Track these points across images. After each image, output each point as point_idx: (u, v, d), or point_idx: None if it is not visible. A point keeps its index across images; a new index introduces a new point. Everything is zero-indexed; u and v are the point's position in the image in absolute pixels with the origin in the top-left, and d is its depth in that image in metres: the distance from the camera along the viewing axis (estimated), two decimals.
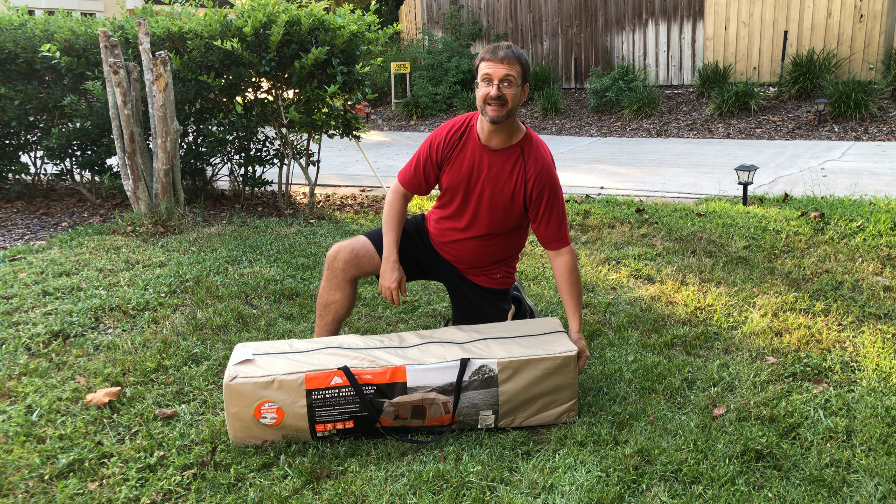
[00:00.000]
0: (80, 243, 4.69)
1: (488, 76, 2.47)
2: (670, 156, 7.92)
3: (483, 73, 2.48)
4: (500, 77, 2.45)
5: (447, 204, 2.75)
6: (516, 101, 2.51)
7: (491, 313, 2.83)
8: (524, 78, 2.52)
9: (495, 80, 2.46)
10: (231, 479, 2.21)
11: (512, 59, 2.47)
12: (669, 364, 2.84)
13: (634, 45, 11.27)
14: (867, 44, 9.52)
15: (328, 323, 2.83)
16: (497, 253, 2.79)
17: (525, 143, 2.61)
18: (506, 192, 2.62)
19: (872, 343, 2.96)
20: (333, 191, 6.68)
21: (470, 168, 2.64)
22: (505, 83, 2.46)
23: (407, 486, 2.15)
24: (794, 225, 4.58)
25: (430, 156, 2.70)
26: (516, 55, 2.49)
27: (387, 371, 2.36)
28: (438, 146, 2.67)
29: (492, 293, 2.85)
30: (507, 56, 2.47)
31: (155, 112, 4.65)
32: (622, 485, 2.10)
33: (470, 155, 2.63)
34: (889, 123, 8.50)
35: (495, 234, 2.73)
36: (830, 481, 2.08)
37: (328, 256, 2.78)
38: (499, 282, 2.85)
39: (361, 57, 5.43)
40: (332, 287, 2.77)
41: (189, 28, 5.20)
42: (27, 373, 2.93)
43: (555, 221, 2.63)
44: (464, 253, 2.79)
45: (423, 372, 2.37)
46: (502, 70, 2.46)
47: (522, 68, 2.50)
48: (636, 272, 3.93)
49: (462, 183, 2.67)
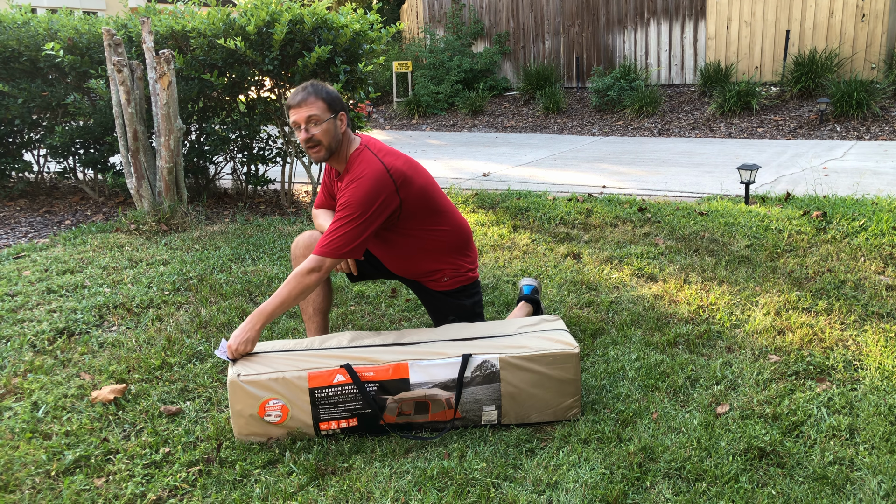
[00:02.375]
0: (84, 241, 4.70)
1: (296, 122, 2.55)
2: (672, 155, 7.93)
3: (291, 120, 2.56)
4: (304, 120, 2.52)
5: None
6: (330, 136, 2.54)
7: (450, 310, 2.83)
8: (332, 109, 2.54)
9: (301, 123, 2.53)
10: (236, 475, 2.22)
11: (309, 99, 2.51)
12: (673, 362, 2.85)
13: (636, 45, 11.27)
14: (869, 43, 9.52)
15: (311, 315, 2.84)
16: (420, 260, 2.76)
17: (351, 161, 2.59)
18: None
19: (875, 342, 2.96)
20: None
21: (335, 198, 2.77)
22: (312, 123, 2.52)
23: (411, 482, 2.16)
24: (796, 224, 4.59)
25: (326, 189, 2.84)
26: (314, 92, 2.53)
27: (389, 368, 2.37)
28: (326, 180, 2.84)
29: (448, 294, 2.82)
30: (303, 99, 2.52)
31: (158, 110, 4.66)
32: (626, 482, 2.11)
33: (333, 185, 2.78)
34: (891, 123, 8.50)
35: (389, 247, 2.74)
36: (834, 479, 2.09)
37: (291, 251, 2.85)
38: (448, 283, 2.81)
39: (364, 56, 5.44)
40: None
41: (192, 27, 5.20)
42: (32, 370, 2.94)
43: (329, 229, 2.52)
44: (396, 268, 2.83)
45: (425, 368, 2.37)
46: (304, 112, 2.51)
47: (325, 102, 2.53)
48: (639, 271, 3.94)
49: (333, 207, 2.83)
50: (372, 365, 2.37)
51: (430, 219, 2.69)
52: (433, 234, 2.72)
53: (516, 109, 11.53)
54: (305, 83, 2.58)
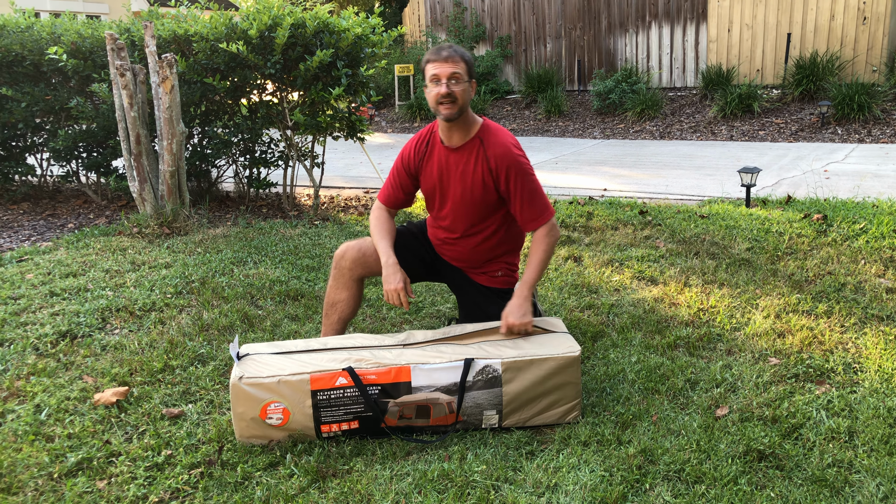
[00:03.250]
0: (87, 244, 4.72)
1: (436, 76, 2.56)
2: (673, 158, 7.94)
3: (430, 73, 2.57)
4: (447, 75, 2.55)
5: (431, 208, 2.87)
6: (466, 97, 2.59)
7: (494, 312, 2.84)
8: (470, 74, 2.61)
9: (443, 78, 2.55)
10: (238, 477, 2.24)
11: (455, 57, 2.56)
12: (672, 365, 2.85)
13: (637, 48, 11.29)
14: (870, 46, 9.53)
15: (334, 322, 2.85)
16: (491, 249, 2.82)
17: (482, 133, 2.68)
18: (476, 184, 2.69)
19: (875, 344, 2.97)
20: (337, 192, 6.70)
21: (440, 171, 2.74)
22: (452, 80, 2.55)
23: (412, 485, 2.17)
24: (796, 227, 4.60)
25: (403, 169, 2.82)
26: (459, 53, 2.58)
27: (391, 371, 2.38)
28: (409, 158, 2.80)
29: (494, 292, 2.87)
30: (450, 55, 2.56)
31: (161, 114, 4.68)
32: (625, 484, 2.12)
33: (437, 159, 2.74)
34: (892, 125, 8.51)
35: (480, 228, 2.77)
36: (832, 481, 2.10)
37: (336, 256, 2.81)
38: (500, 280, 2.88)
39: (366, 59, 5.46)
40: (338, 286, 2.80)
41: (195, 31, 5.23)
42: (35, 372, 2.96)
43: (527, 199, 2.66)
44: (459, 252, 2.85)
45: (427, 372, 2.39)
46: (448, 69, 2.55)
47: (467, 65, 2.60)
48: (639, 274, 3.95)
49: (436, 186, 2.77)
50: (374, 368, 2.38)
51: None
52: (515, 226, 2.85)
53: (518, 112, 11.55)
54: (447, 43, 2.61)
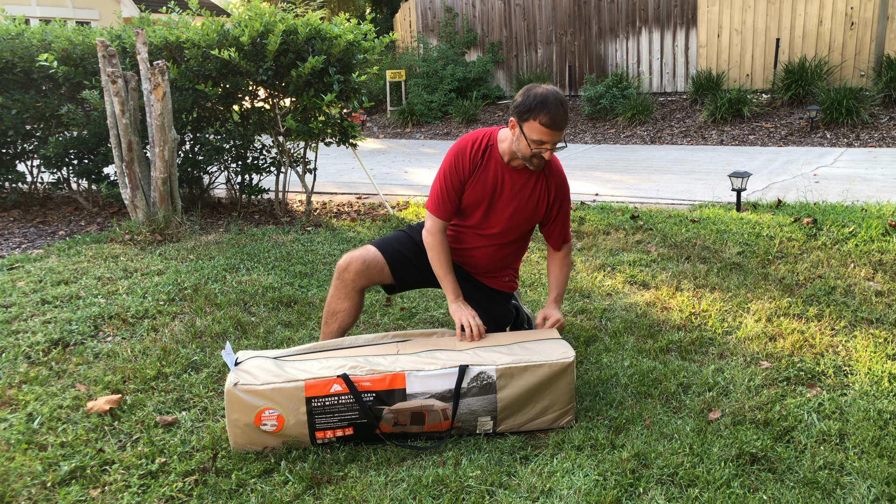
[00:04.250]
0: (79, 252, 4.70)
1: (544, 143, 2.49)
2: (664, 162, 7.98)
3: (538, 137, 2.47)
4: (551, 144, 2.52)
5: (467, 218, 2.80)
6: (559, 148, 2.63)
7: (498, 313, 2.88)
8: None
9: (549, 145, 2.51)
10: (232, 484, 2.24)
11: (561, 124, 2.46)
12: (665, 369, 2.87)
13: (628, 53, 11.35)
14: (858, 51, 9.61)
15: (333, 331, 2.86)
16: (509, 256, 2.90)
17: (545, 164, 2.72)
18: (530, 205, 2.74)
19: (865, 347, 2.99)
20: (330, 198, 6.71)
21: (494, 185, 2.70)
22: (556, 145, 2.55)
23: (407, 490, 2.17)
24: (787, 231, 4.63)
25: (458, 178, 2.70)
26: (564, 118, 2.47)
27: (386, 377, 2.38)
28: (464, 166, 2.68)
29: (501, 294, 2.94)
30: (563, 125, 2.48)
31: (153, 121, 4.68)
32: (619, 488, 2.13)
33: (493, 172, 2.68)
34: (880, 130, 8.58)
35: (515, 240, 2.86)
36: (824, 483, 2.11)
37: (339, 266, 2.80)
38: (507, 284, 2.96)
39: (358, 66, 5.47)
40: (340, 296, 2.80)
41: (187, 37, 5.23)
42: (27, 381, 2.94)
43: (564, 222, 2.84)
44: (480, 258, 2.87)
45: (422, 378, 2.39)
46: (557, 137, 2.51)
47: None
48: (631, 278, 3.97)
49: (486, 198, 2.73)
50: (369, 375, 2.38)
51: None
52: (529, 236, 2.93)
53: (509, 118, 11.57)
54: (562, 99, 2.49)
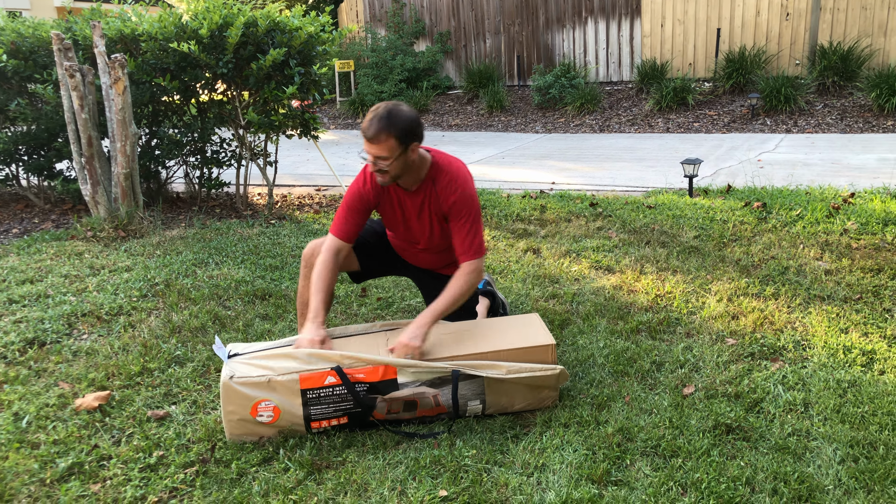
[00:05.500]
0: (39, 250, 4.62)
1: (366, 152, 2.53)
2: (615, 150, 8.20)
3: (364, 150, 2.54)
4: (373, 157, 2.52)
5: (394, 232, 2.90)
6: (399, 168, 2.55)
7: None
8: (402, 144, 2.50)
9: (370, 158, 2.53)
10: (233, 474, 2.28)
11: (380, 136, 2.45)
12: (637, 349, 3.02)
13: (575, 43, 11.56)
14: (793, 41, 10.01)
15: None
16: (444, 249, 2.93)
17: (434, 173, 2.67)
18: (434, 224, 2.77)
19: (819, 322, 3.20)
20: (289, 191, 6.70)
21: (399, 209, 2.78)
22: (379, 160, 2.52)
23: (406, 472, 2.26)
24: (738, 215, 4.86)
25: (362, 205, 2.74)
26: (385, 129, 2.44)
27: (378, 369, 2.45)
28: (368, 195, 2.73)
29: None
30: (375, 135, 2.46)
31: (114, 116, 4.61)
32: (608, 461, 2.26)
33: (394, 197, 2.76)
34: (816, 116, 8.97)
35: (446, 247, 2.88)
36: (794, 449, 2.28)
37: (304, 255, 2.86)
38: None
39: (318, 58, 5.48)
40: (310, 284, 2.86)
41: (143, 30, 5.15)
42: (7, 381, 2.92)
43: (463, 242, 2.65)
44: (427, 261, 2.97)
45: (413, 370, 2.46)
46: (373, 150, 2.50)
47: (397, 139, 2.47)
48: (596, 263, 4.12)
49: (398, 220, 2.81)
50: (362, 366, 2.45)
51: None
52: None
53: (460, 108, 11.68)
54: (382, 110, 2.47)
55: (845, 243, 4.21)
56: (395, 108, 2.49)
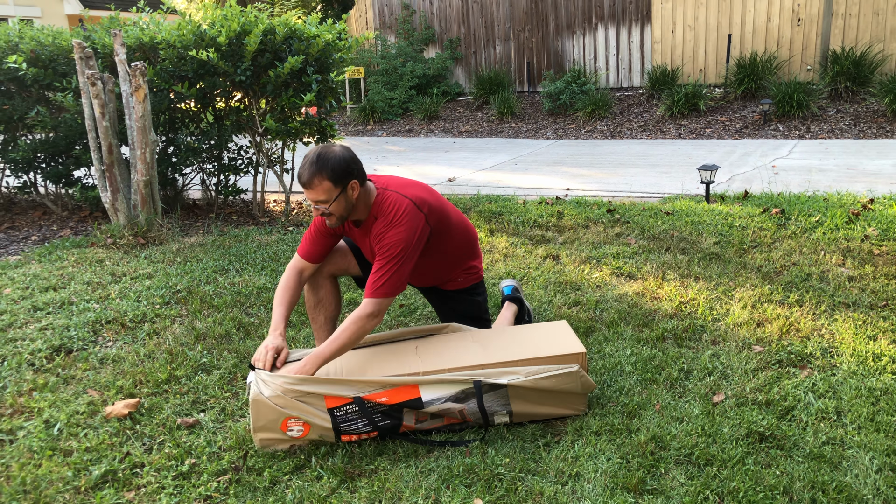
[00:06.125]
0: (60, 257, 4.63)
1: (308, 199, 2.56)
2: (628, 156, 8.19)
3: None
4: (313, 202, 2.53)
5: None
6: (342, 207, 2.55)
7: (466, 310, 3.01)
8: (340, 183, 2.49)
9: (312, 203, 2.55)
10: (266, 482, 2.29)
11: (314, 181, 2.46)
12: (665, 356, 3.01)
13: (585, 49, 11.57)
14: (805, 46, 10.01)
15: (322, 324, 2.92)
16: (441, 269, 2.92)
17: (376, 209, 2.63)
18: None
19: (846, 329, 3.19)
20: (304, 198, 6.71)
21: (357, 240, 2.80)
22: (320, 204, 2.52)
23: (439, 480, 2.25)
24: (757, 221, 4.85)
25: (324, 228, 2.75)
26: (318, 172, 2.44)
27: (401, 390, 2.43)
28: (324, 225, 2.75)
29: (461, 293, 3.01)
30: (309, 180, 2.46)
31: (134, 124, 4.64)
32: (642, 470, 2.25)
33: (349, 228, 2.79)
34: (829, 122, 8.96)
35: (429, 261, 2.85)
36: (830, 457, 2.27)
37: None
38: (460, 283, 3.01)
39: (335, 65, 5.50)
40: (313, 287, 2.87)
41: (161, 38, 5.18)
42: (36, 388, 2.93)
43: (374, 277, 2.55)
44: (420, 279, 2.96)
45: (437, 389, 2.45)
46: (312, 196, 2.51)
47: (331, 180, 2.46)
48: (617, 270, 4.11)
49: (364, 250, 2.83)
50: (383, 389, 2.43)
51: (446, 234, 2.81)
52: (448, 248, 2.85)
53: (470, 114, 11.70)
54: (312, 155, 2.49)
55: (867, 250, 4.19)
56: (325, 151, 2.49)
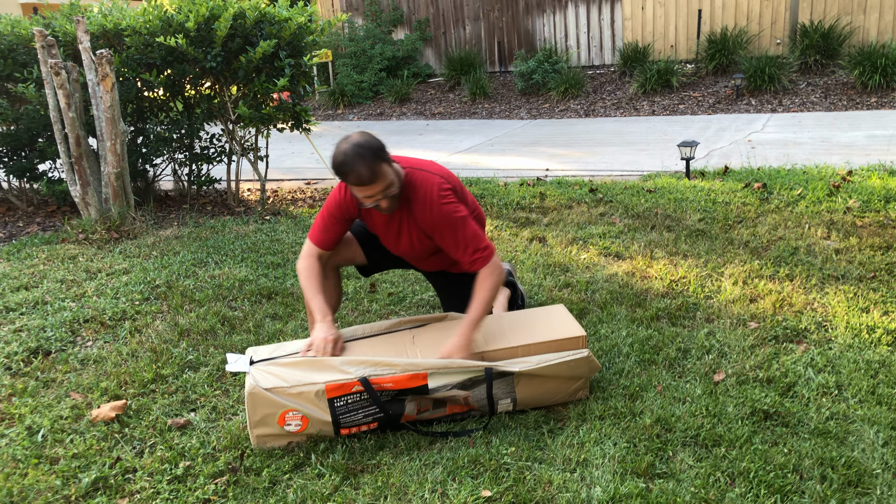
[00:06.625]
0: (30, 254, 4.47)
1: (369, 196, 2.45)
2: (603, 135, 8.16)
3: (360, 194, 2.44)
4: (380, 194, 2.44)
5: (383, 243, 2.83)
6: (397, 185, 2.50)
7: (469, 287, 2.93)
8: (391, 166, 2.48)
9: (376, 198, 2.46)
10: (265, 482, 2.21)
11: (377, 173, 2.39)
12: (661, 336, 2.98)
13: (556, 28, 11.50)
14: (774, 20, 10.04)
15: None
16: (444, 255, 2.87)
17: (408, 191, 2.60)
18: (415, 241, 2.71)
19: (838, 303, 3.19)
20: (278, 185, 6.57)
21: (383, 227, 2.72)
22: (387, 190, 2.46)
23: (445, 472, 2.20)
24: (740, 196, 4.84)
25: (342, 216, 2.67)
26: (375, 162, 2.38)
27: (408, 376, 2.36)
28: (350, 206, 2.66)
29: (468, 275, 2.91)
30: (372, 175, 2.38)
31: (102, 114, 4.47)
32: (650, 453, 2.22)
33: (374, 216, 2.70)
34: (800, 95, 9.01)
35: (437, 253, 2.82)
36: (835, 433, 2.26)
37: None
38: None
39: (307, 49, 5.37)
40: None
41: (126, 24, 5.00)
42: (16, 393, 2.81)
43: (463, 254, 2.58)
44: (429, 265, 2.91)
45: (443, 374, 2.39)
46: (377, 188, 2.42)
47: (388, 163, 2.45)
48: (605, 250, 4.08)
49: (384, 236, 2.76)
50: (390, 374, 2.36)
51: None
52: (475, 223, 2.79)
53: (442, 96, 11.58)
54: (356, 149, 2.37)
55: (850, 222, 4.21)
56: (360, 141, 2.40)
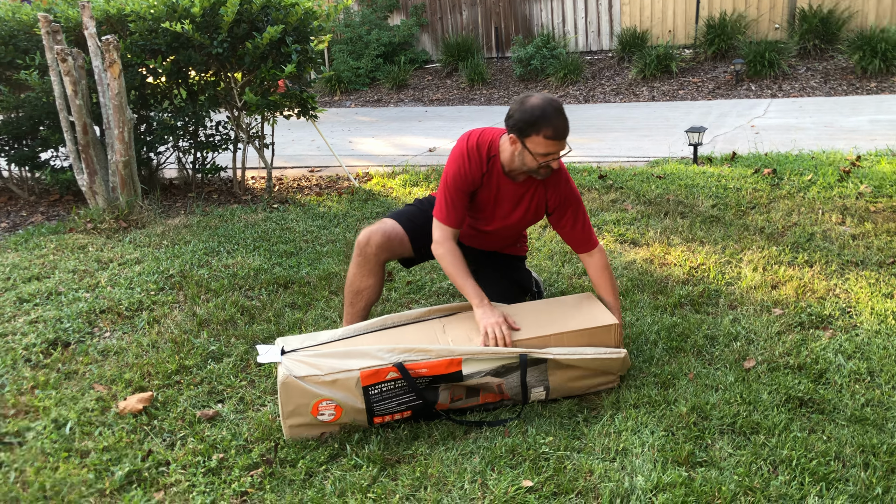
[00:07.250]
0: (39, 244, 4.41)
1: (550, 154, 2.45)
2: (605, 121, 8.14)
3: (544, 150, 2.43)
4: (553, 156, 2.47)
5: (473, 215, 2.80)
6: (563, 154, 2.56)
7: (520, 277, 3.03)
8: None
9: (552, 157, 2.47)
10: (302, 474, 2.19)
11: (564, 133, 2.44)
12: (686, 323, 2.97)
13: (553, 13, 11.43)
14: (772, 5, 10.01)
15: (360, 310, 2.82)
16: (517, 234, 2.95)
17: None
18: (529, 214, 2.74)
19: (861, 289, 3.19)
20: (282, 173, 6.52)
21: (495, 193, 2.69)
22: (557, 156, 2.50)
23: (483, 462, 2.18)
24: (751, 182, 4.84)
25: (466, 187, 2.64)
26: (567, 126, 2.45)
27: (443, 363, 2.35)
28: (473, 176, 2.62)
29: (517, 259, 3.06)
30: (568, 132, 2.45)
31: (109, 101, 4.40)
32: (689, 442, 2.21)
33: (495, 183, 2.67)
34: (800, 80, 9.01)
35: (521, 231, 2.92)
36: (873, 419, 2.26)
37: (359, 242, 2.76)
38: (520, 248, 3.07)
39: (314, 34, 5.30)
40: (364, 273, 2.76)
41: (130, 10, 4.92)
42: (38, 385, 2.77)
43: (579, 227, 2.70)
44: (490, 242, 2.94)
45: (478, 361, 2.38)
46: (558, 147, 2.45)
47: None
48: (620, 237, 4.06)
49: (488, 207, 2.74)
50: (425, 359, 2.34)
51: None
52: None
53: (440, 82, 11.51)
54: (545, 104, 2.40)
55: (863, 207, 4.21)
56: (552, 97, 2.47)
